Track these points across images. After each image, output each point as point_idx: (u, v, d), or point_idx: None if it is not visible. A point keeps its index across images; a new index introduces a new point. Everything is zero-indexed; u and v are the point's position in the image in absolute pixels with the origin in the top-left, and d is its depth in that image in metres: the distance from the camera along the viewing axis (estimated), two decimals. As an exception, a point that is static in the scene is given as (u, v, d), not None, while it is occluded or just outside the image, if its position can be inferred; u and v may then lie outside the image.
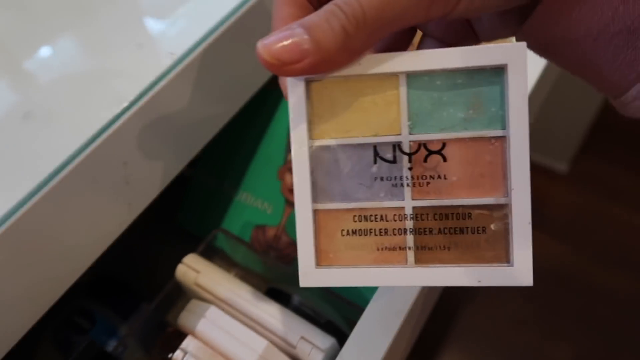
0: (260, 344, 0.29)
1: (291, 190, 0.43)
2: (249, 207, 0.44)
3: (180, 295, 0.40)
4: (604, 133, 1.36)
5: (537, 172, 1.34)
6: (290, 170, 0.43)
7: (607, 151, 1.35)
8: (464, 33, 0.25)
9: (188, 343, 0.29)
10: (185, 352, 0.29)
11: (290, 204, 0.42)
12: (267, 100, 0.45)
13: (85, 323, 0.38)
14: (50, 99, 0.31)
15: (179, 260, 0.37)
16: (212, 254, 0.45)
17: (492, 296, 1.16)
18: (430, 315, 0.47)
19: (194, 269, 0.34)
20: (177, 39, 0.33)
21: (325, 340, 0.31)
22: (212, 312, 0.31)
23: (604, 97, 1.15)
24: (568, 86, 1.14)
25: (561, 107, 1.20)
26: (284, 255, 0.42)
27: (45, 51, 0.35)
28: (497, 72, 0.21)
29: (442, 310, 1.10)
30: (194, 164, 0.48)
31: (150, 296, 0.41)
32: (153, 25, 0.35)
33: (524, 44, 0.21)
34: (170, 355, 0.29)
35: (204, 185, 0.46)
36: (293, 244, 0.42)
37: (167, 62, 0.32)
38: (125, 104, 0.30)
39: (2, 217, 0.26)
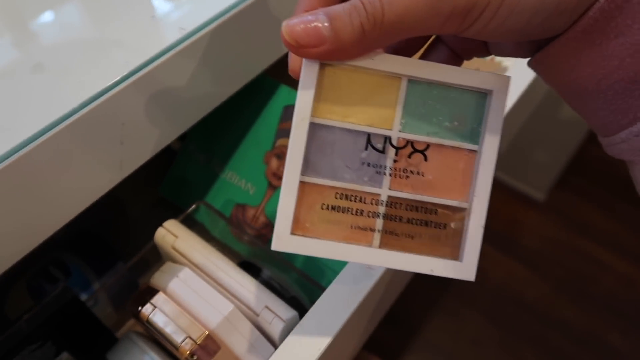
0: (227, 306, 0.31)
1: (275, 174, 0.45)
2: (232, 185, 0.46)
3: (156, 260, 0.42)
4: (582, 170, 1.41)
5: (515, 198, 1.38)
6: (276, 156, 0.45)
7: (583, 187, 1.39)
8: (475, 45, 0.26)
9: (158, 299, 0.31)
10: (154, 307, 0.31)
11: (272, 187, 0.45)
12: (264, 87, 0.47)
13: (59, 274, 0.39)
14: (62, 55, 0.33)
15: (158, 226, 0.39)
16: (191, 226, 0.47)
17: (454, 314, 1.19)
18: (391, 327, 0.50)
19: (172, 233, 0.36)
20: (189, 15, 0.35)
21: (287, 312, 0.33)
22: (185, 273, 0.33)
23: (586, 136, 1.19)
24: (553, 121, 1.18)
25: (544, 140, 1.24)
26: (261, 235, 0.44)
27: (63, 13, 0.36)
28: (484, 95, 0.24)
29: (404, 324, 1.13)
30: (183, 137, 0.50)
31: (127, 257, 0.43)
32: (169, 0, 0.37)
33: (509, 77, 0.24)
34: (139, 309, 0.31)
35: (192, 159, 0.48)
36: (270, 225, 0.44)
37: (176, 36, 0.34)
38: (131, 69, 0.32)
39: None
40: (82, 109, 0.30)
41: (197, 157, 0.48)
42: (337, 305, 0.31)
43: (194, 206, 0.41)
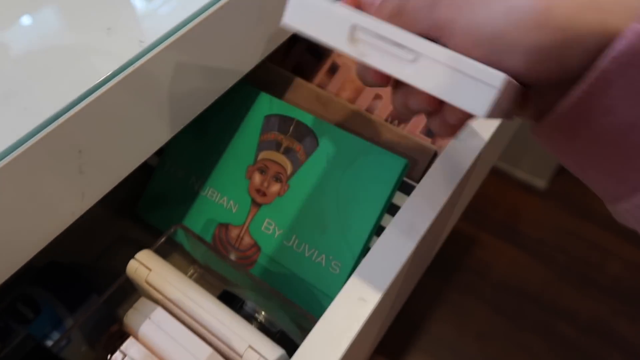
0: (204, 351, 0.28)
1: (258, 191, 0.42)
2: (213, 203, 0.43)
3: (134, 289, 0.39)
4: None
5: (516, 186, 1.36)
6: (259, 170, 0.42)
7: (585, 172, 1.36)
8: None
9: (129, 345, 0.28)
10: (124, 355, 0.28)
11: (256, 204, 0.41)
12: (243, 95, 0.43)
13: (28, 312, 0.36)
14: (8, 76, 0.30)
15: (135, 251, 0.36)
16: (172, 249, 0.44)
17: (458, 307, 1.17)
18: (394, 323, 0.47)
19: (145, 266, 0.33)
20: (149, 26, 0.32)
21: (273, 351, 0.30)
22: (158, 313, 0.30)
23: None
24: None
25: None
26: (246, 256, 0.41)
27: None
28: None
29: (407, 318, 1.10)
30: (160, 152, 0.46)
31: (102, 287, 0.40)
32: (126, 9, 0.34)
33: None
34: (109, 357, 0.28)
35: (169, 176, 0.45)
36: (255, 246, 0.41)
37: (135, 50, 0.30)
38: (85, 90, 0.28)
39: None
40: (30, 138, 0.27)
41: (175, 174, 0.45)
42: (329, 341, 0.28)
43: (170, 231, 0.37)
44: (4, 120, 0.27)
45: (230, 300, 0.34)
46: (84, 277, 0.40)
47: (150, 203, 0.45)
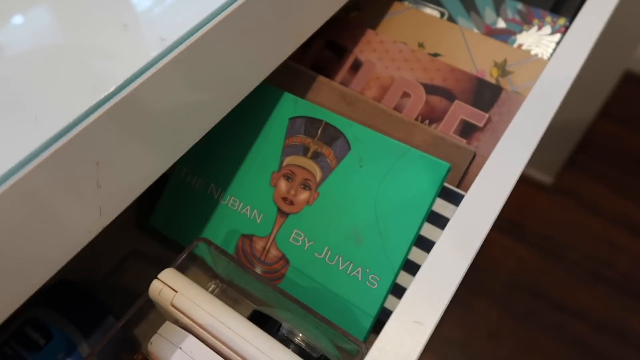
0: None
1: (285, 199, 0.38)
2: (236, 213, 0.40)
3: (150, 309, 0.35)
4: (590, 148, 1.36)
5: (522, 183, 1.34)
6: (285, 177, 0.39)
7: (591, 167, 1.35)
8: None
9: (160, 380, 0.25)
10: (155, 391, 0.25)
11: (282, 214, 0.38)
12: (266, 97, 0.40)
13: (39, 338, 0.33)
14: (14, 80, 0.26)
15: (151, 266, 0.33)
16: (189, 262, 0.41)
17: (468, 307, 1.15)
18: None
19: (171, 287, 0.30)
20: (170, 22, 0.28)
21: (318, 382, 0.27)
22: (189, 342, 0.27)
23: (593, 115, 1.14)
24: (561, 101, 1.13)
25: (552, 122, 1.18)
26: (273, 270, 0.38)
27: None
28: None
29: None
30: (176, 160, 0.43)
31: (119, 308, 0.37)
32: (143, 3, 0.30)
33: None
34: (137, 393, 0.25)
35: (185, 184, 0.42)
36: (283, 259, 0.38)
37: (156, 49, 0.27)
38: (101, 97, 0.25)
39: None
40: (42, 151, 0.24)
41: (191, 182, 0.42)
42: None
43: (192, 245, 0.34)
44: (12, 131, 0.24)
45: (264, 321, 0.31)
46: (97, 297, 0.36)
47: (165, 214, 0.42)
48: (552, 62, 0.38)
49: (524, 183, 1.33)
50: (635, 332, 1.11)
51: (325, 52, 0.48)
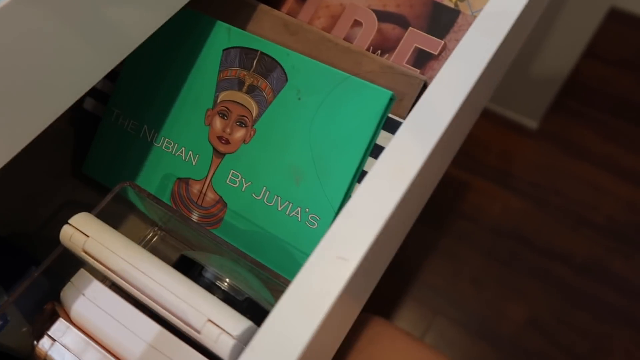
0: (150, 330, 0.23)
1: (220, 138, 0.36)
2: (170, 156, 0.37)
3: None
4: (576, 93, 1.32)
5: (507, 128, 1.31)
6: (220, 114, 0.36)
7: (578, 111, 1.31)
8: None
9: (58, 329, 0.23)
10: (53, 340, 0.23)
11: (218, 154, 0.36)
12: (196, 27, 0.37)
13: (-44, 291, 0.31)
14: None
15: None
16: (128, 210, 0.39)
17: (452, 255, 1.14)
18: (386, 273, 0.43)
19: (82, 232, 0.27)
20: None
21: (237, 324, 0.25)
22: (94, 288, 0.25)
23: (578, 56, 1.10)
24: (543, 43, 1.08)
25: (535, 65, 1.14)
26: (210, 214, 0.36)
27: None
28: None
29: (400, 269, 1.07)
30: (105, 100, 0.40)
31: (44, 258, 0.34)
32: None
33: None
34: (35, 343, 0.23)
35: (117, 127, 0.39)
36: (220, 202, 0.35)
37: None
38: None
39: None
40: None
41: (123, 125, 0.39)
42: (306, 306, 0.23)
43: (116, 189, 0.32)
44: None
45: (189, 267, 0.29)
46: (23, 250, 0.34)
47: (98, 160, 0.39)
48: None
49: (510, 129, 1.30)
50: (618, 273, 1.11)
51: (271, -20, 0.44)
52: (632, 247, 1.15)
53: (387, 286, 1.03)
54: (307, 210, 0.33)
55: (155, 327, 0.23)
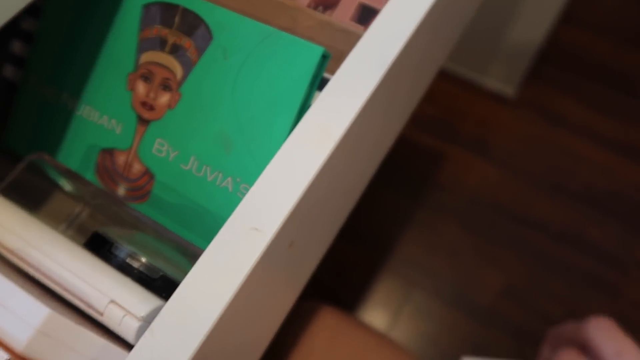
0: (38, 313, 0.21)
1: (144, 104, 0.33)
2: (93, 125, 0.34)
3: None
4: (553, 59, 1.30)
5: (484, 96, 1.29)
6: (142, 77, 0.33)
7: (556, 77, 1.29)
8: None
9: None
10: None
11: (143, 121, 0.33)
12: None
13: None
14: None
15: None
16: (53, 186, 0.36)
17: (428, 226, 1.13)
18: (359, 245, 0.41)
19: (-25, 209, 0.25)
20: None
21: (143, 304, 0.22)
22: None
23: (554, 20, 1.07)
24: (518, 8, 1.05)
25: (511, 30, 1.11)
26: (137, 187, 0.33)
27: None
28: None
29: (374, 240, 1.06)
30: (21, 66, 0.37)
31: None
32: None
33: None
34: None
35: (36, 95, 0.36)
36: (147, 174, 0.33)
37: None
38: None
39: None
40: None
41: (42, 92, 0.35)
42: (215, 281, 0.21)
43: (23, 164, 0.29)
44: None
45: (99, 245, 0.26)
46: None
47: (17, 132, 0.36)
48: None
49: (486, 97, 1.28)
50: (593, 240, 1.11)
51: None
52: (608, 214, 1.14)
53: (362, 259, 1.02)
54: (238, 180, 0.31)
55: (44, 310, 0.21)
